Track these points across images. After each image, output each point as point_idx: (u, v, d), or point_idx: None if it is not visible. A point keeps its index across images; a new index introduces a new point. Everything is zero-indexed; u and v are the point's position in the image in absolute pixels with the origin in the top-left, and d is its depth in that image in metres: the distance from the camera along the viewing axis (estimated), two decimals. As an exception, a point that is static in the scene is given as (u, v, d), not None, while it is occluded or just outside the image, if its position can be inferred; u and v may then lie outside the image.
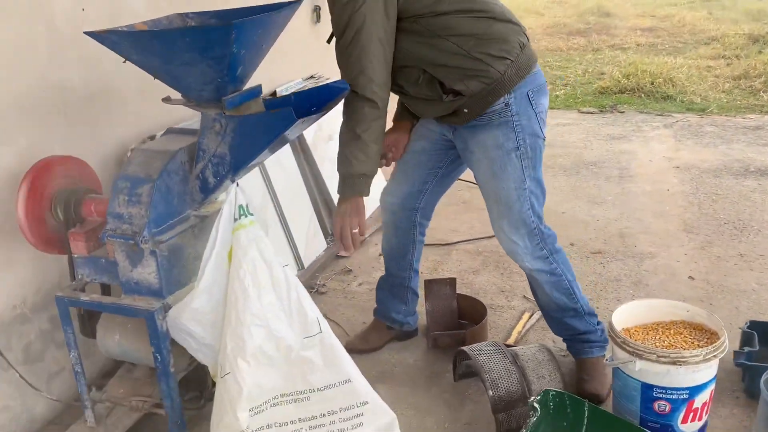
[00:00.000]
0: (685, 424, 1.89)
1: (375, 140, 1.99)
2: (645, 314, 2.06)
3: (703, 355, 1.81)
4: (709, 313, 2.00)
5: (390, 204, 2.43)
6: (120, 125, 2.46)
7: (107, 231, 1.82)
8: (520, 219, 2.12)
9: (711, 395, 1.91)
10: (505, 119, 2.04)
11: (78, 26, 2.23)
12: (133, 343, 1.98)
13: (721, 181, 4.10)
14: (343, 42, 1.91)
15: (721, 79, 7.04)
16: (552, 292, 2.21)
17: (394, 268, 2.51)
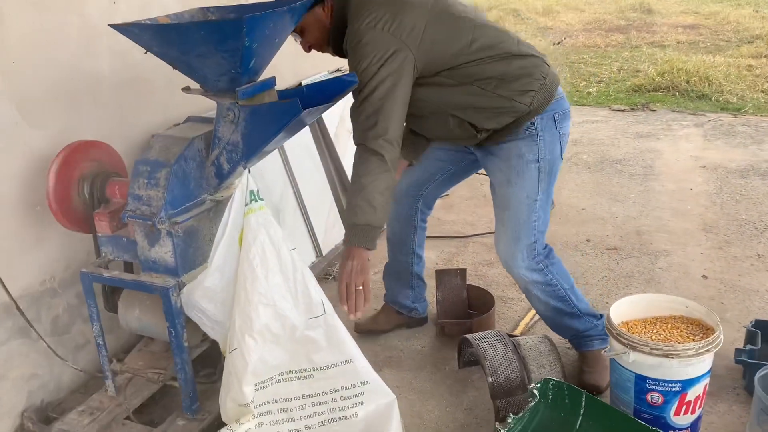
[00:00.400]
0: (678, 417, 1.92)
1: (381, 192, 1.95)
2: (644, 308, 2.10)
3: (695, 349, 1.84)
4: (708, 310, 2.02)
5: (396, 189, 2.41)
6: (147, 113, 2.59)
7: (127, 211, 1.94)
8: (523, 229, 2.17)
9: (705, 389, 1.94)
10: (530, 134, 2.11)
11: (109, 19, 2.35)
12: (151, 318, 2.10)
13: (747, 182, 4.06)
14: (359, 99, 1.97)
15: (761, 78, 6.88)
16: (548, 300, 2.27)
17: (398, 253, 2.58)
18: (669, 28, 10.58)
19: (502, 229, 2.22)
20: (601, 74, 7.56)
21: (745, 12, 11.70)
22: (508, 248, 2.21)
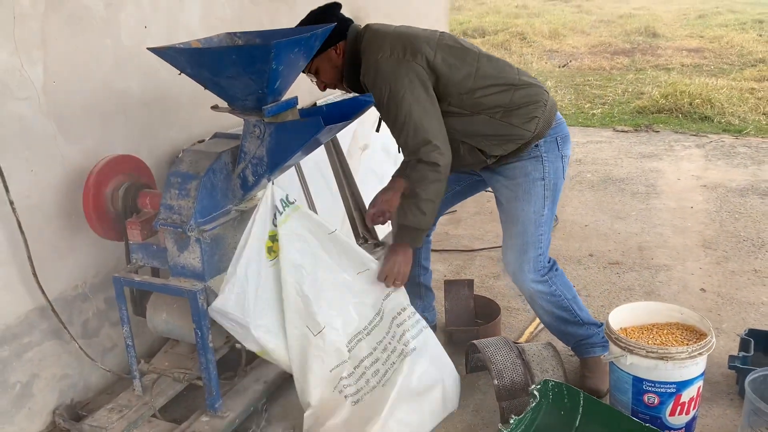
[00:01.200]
0: (673, 417, 2.04)
1: (431, 199, 2.18)
2: (642, 315, 2.22)
3: (688, 352, 1.96)
4: (701, 317, 2.15)
5: None
6: (173, 129, 2.75)
7: (159, 219, 2.08)
8: (531, 242, 2.31)
9: (698, 391, 2.06)
10: (535, 154, 2.29)
11: (140, 41, 2.53)
12: (177, 321, 2.24)
13: (746, 201, 4.18)
14: (397, 125, 2.18)
15: (763, 101, 7.03)
16: (552, 309, 2.40)
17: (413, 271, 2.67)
18: (674, 51, 10.77)
19: (510, 243, 2.35)
20: (605, 96, 7.73)
21: (749, 36, 11.89)
22: (515, 260, 2.34)
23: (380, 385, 2.19)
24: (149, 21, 2.57)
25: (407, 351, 2.22)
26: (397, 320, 2.29)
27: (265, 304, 2.13)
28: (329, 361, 2.18)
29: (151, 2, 2.57)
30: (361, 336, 2.27)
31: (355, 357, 2.24)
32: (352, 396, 2.17)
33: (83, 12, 2.31)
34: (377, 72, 2.15)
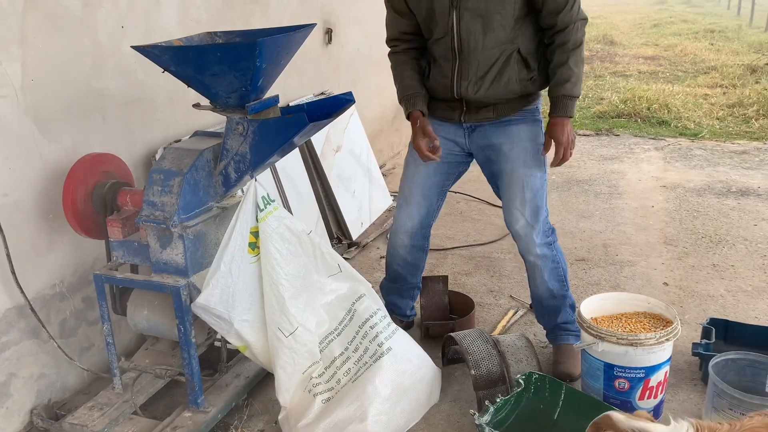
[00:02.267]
0: (642, 401, 2.14)
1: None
2: (611, 306, 2.32)
3: (656, 338, 2.06)
4: (667, 305, 2.26)
5: (410, 228, 2.60)
6: (150, 129, 2.76)
7: (142, 216, 2.10)
8: (539, 206, 2.40)
9: (665, 376, 2.16)
10: (538, 119, 2.39)
11: (118, 41, 2.55)
12: (159, 317, 2.25)
13: (704, 200, 4.37)
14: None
15: (716, 106, 7.31)
16: (550, 279, 2.47)
17: (409, 277, 2.74)
18: (631, 58, 11.10)
19: (521, 209, 2.39)
20: (567, 101, 7.91)
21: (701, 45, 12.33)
22: (528, 225, 2.39)
23: (351, 382, 2.24)
24: (126, 21, 2.58)
25: (382, 351, 2.27)
26: (370, 322, 2.34)
27: (248, 300, 2.17)
28: (301, 362, 2.23)
29: (128, 3, 2.58)
30: (332, 336, 2.32)
31: (327, 357, 2.29)
32: (322, 395, 2.22)
33: (61, 11, 2.31)
34: None
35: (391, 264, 2.74)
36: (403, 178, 2.59)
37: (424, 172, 2.52)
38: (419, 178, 2.53)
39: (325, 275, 2.32)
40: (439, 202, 2.61)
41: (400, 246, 2.65)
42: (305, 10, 3.91)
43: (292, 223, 2.22)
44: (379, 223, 4.13)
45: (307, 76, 3.97)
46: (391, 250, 2.71)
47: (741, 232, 3.82)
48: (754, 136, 6.16)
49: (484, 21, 2.20)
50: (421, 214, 2.58)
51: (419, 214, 2.58)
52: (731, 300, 3.06)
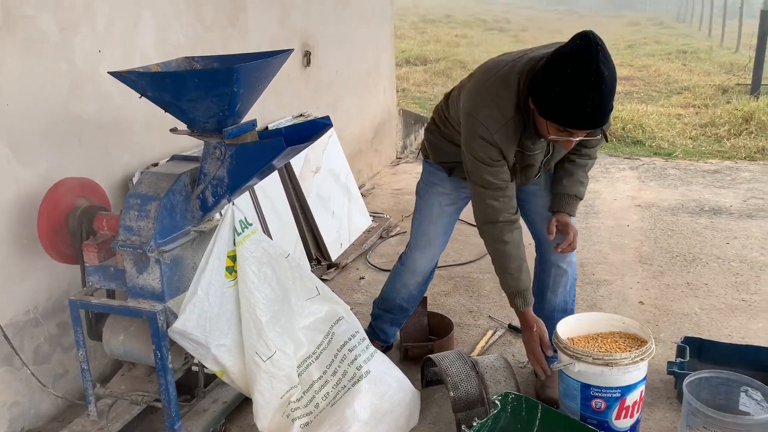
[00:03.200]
0: (619, 420, 2.16)
1: None
2: (587, 326, 2.35)
3: (631, 358, 2.09)
4: (642, 324, 2.29)
5: (429, 269, 2.66)
6: (126, 153, 2.76)
7: (118, 241, 2.09)
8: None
9: (641, 395, 2.19)
10: None
11: (95, 65, 2.55)
12: (135, 343, 2.23)
13: (678, 219, 4.44)
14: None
15: (689, 126, 7.46)
16: (571, 289, 2.54)
17: (410, 308, 2.76)
18: (605, 79, 11.28)
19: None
20: (544, 121, 8.02)
21: (674, 65, 12.60)
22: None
23: (329, 406, 2.23)
24: (104, 45, 2.59)
25: (361, 374, 2.27)
26: (348, 345, 2.34)
27: (225, 324, 2.16)
28: (279, 387, 2.22)
29: (105, 27, 2.59)
30: (310, 360, 2.32)
31: (305, 381, 2.28)
32: (300, 419, 2.21)
33: (38, 36, 2.31)
34: None
35: (393, 299, 2.73)
36: (424, 218, 2.58)
37: (449, 213, 2.57)
38: (444, 219, 2.57)
39: (303, 298, 2.32)
40: (447, 238, 2.67)
41: (412, 284, 2.67)
42: (284, 33, 3.94)
43: (270, 246, 2.23)
44: (358, 244, 4.14)
45: (285, 98, 3.99)
46: (399, 287, 2.70)
47: (714, 251, 3.89)
48: (725, 155, 6.29)
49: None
50: (439, 253, 2.66)
51: (439, 254, 2.66)
52: (705, 318, 3.11)
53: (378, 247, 4.11)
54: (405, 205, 4.83)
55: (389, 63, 5.85)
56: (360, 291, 3.52)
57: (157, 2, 2.86)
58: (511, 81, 2.10)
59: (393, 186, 5.36)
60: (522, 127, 2.13)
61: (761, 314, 3.13)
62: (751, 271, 3.61)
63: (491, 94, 2.13)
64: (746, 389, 2.18)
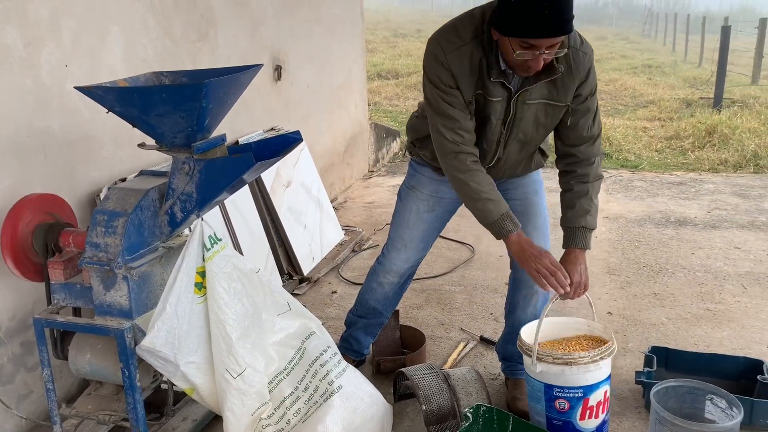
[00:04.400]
0: (583, 421, 2.18)
1: None
2: (553, 330, 2.37)
3: (590, 357, 2.11)
4: (605, 326, 2.34)
5: (405, 270, 2.63)
6: (94, 168, 2.72)
7: (85, 258, 2.06)
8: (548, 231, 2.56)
9: (606, 395, 2.21)
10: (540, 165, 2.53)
11: (61, 80, 2.52)
12: (102, 361, 2.19)
13: (644, 230, 4.52)
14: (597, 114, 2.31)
15: (655, 139, 7.63)
16: (542, 307, 2.52)
17: (386, 311, 2.74)
18: (573, 93, 11.48)
19: (536, 234, 2.46)
20: (514, 135, 8.13)
21: (640, 80, 12.88)
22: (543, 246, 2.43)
23: (301, 422, 2.22)
24: (70, 60, 2.56)
25: (333, 389, 2.26)
26: (320, 360, 2.33)
27: (195, 341, 2.14)
28: (250, 404, 2.19)
29: (72, 42, 2.56)
30: (281, 376, 2.30)
31: (276, 398, 2.26)
32: None
33: (3, 51, 2.28)
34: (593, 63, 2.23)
35: (368, 300, 2.71)
36: (402, 221, 2.56)
37: (427, 220, 2.54)
38: (422, 225, 2.55)
39: (274, 314, 2.31)
40: (430, 245, 2.65)
41: (387, 284, 2.66)
42: (254, 48, 3.94)
43: (240, 261, 2.21)
44: (330, 258, 4.13)
45: (256, 111, 3.98)
46: (375, 286, 2.68)
47: (680, 261, 3.97)
48: (690, 167, 6.44)
49: (523, 146, 2.30)
50: (417, 258, 2.63)
51: (416, 258, 2.63)
52: (672, 327, 3.17)
53: (350, 260, 4.11)
54: (377, 219, 4.84)
55: (360, 77, 5.88)
56: (332, 305, 3.51)
57: (126, 17, 2.84)
58: (476, 14, 2.14)
59: (365, 199, 5.37)
60: (483, 63, 2.10)
61: (725, 323, 3.20)
62: (715, 280, 3.69)
63: (453, 22, 2.18)
64: (711, 397, 2.22)
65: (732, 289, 3.57)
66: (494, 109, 2.17)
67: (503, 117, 2.20)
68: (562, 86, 2.16)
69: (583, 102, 2.22)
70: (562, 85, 2.16)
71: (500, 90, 2.14)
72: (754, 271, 3.79)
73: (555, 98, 2.19)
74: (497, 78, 2.11)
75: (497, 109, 2.18)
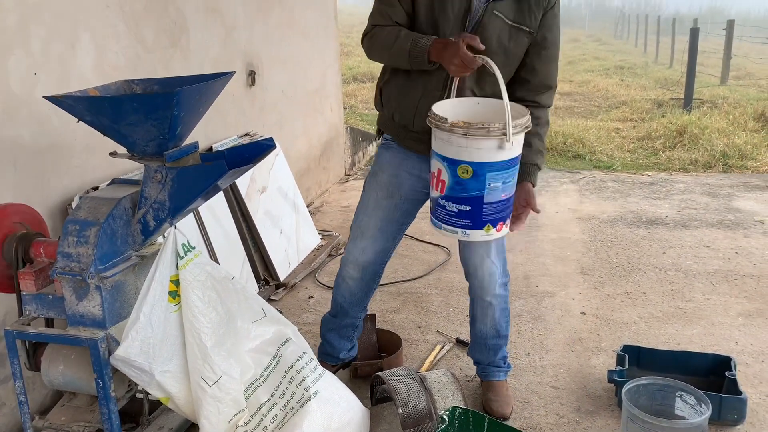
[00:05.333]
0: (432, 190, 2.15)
1: None
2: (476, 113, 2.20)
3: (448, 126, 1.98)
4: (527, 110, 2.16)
5: (362, 261, 2.55)
6: (65, 177, 2.69)
7: (57, 268, 2.04)
8: (502, 247, 2.47)
9: (439, 173, 2.08)
10: None
11: (30, 88, 2.49)
12: (76, 372, 2.17)
13: (617, 230, 4.60)
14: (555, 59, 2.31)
15: (627, 139, 7.75)
16: (500, 318, 2.53)
17: (353, 311, 2.68)
18: (547, 94, 11.60)
19: (487, 249, 2.41)
20: (489, 137, 8.19)
21: (612, 81, 13.06)
22: (492, 263, 2.43)
23: (278, 429, 2.22)
24: (40, 68, 2.53)
25: (309, 395, 2.27)
26: (296, 366, 2.33)
27: (169, 350, 2.13)
28: (226, 411, 2.19)
29: (41, 49, 2.54)
30: (258, 383, 2.30)
31: (253, 405, 2.26)
32: None
33: (-31, 59, 2.25)
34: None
35: (335, 296, 2.69)
36: (361, 208, 2.51)
37: (385, 207, 2.46)
38: (380, 212, 2.46)
39: (250, 321, 2.31)
40: (396, 240, 2.57)
41: (348, 277, 2.60)
42: (227, 53, 3.93)
43: (214, 269, 2.21)
44: (307, 263, 4.14)
45: (230, 117, 3.97)
46: (339, 281, 2.65)
47: (651, 260, 4.04)
48: (661, 167, 6.55)
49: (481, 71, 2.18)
50: (375, 250, 2.52)
51: (374, 250, 2.52)
52: (644, 326, 3.22)
53: (327, 265, 4.12)
54: (353, 223, 4.85)
55: (335, 80, 5.89)
56: (309, 310, 3.52)
57: (96, 24, 2.82)
58: None
59: (342, 203, 5.38)
60: None
61: (695, 321, 3.27)
62: (685, 279, 3.76)
63: None
64: (681, 394, 2.28)
65: (702, 287, 3.65)
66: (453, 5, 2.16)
67: (461, 15, 2.16)
68: (528, 9, 2.18)
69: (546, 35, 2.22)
70: (528, 9, 2.18)
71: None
72: (722, 269, 3.88)
73: (520, 21, 2.19)
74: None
75: (456, 7, 2.15)
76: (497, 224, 2.13)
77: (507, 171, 2.06)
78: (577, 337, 3.14)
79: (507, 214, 2.16)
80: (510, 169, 2.07)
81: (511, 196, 2.13)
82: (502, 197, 2.09)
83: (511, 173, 2.09)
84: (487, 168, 2.02)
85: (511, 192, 2.13)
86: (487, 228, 2.12)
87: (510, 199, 2.13)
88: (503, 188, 2.08)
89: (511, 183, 2.11)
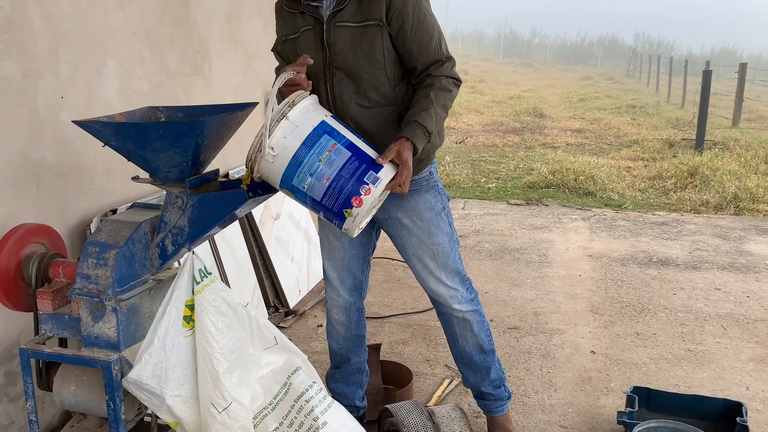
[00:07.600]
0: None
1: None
2: None
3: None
4: None
5: (341, 303, 2.58)
6: (85, 198, 2.74)
7: (75, 289, 2.07)
8: (455, 268, 2.42)
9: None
10: (432, 184, 2.36)
11: (57, 111, 2.55)
12: (87, 393, 2.18)
13: (627, 269, 4.59)
14: (429, 32, 2.16)
15: (638, 178, 7.77)
16: (480, 332, 2.50)
17: (353, 356, 2.67)
18: (559, 131, 11.70)
19: (439, 273, 2.39)
20: (499, 171, 8.26)
21: (624, 119, 13.14)
22: (448, 287, 2.41)
23: None
24: (67, 92, 2.60)
25: (317, 426, 2.27)
26: (306, 396, 2.33)
27: (181, 374, 2.14)
28: None
29: (69, 74, 2.60)
30: (267, 411, 2.30)
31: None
32: None
33: (2, 83, 2.31)
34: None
35: (331, 346, 2.69)
36: (323, 253, 2.57)
37: (339, 247, 2.49)
38: (337, 254, 2.51)
39: (261, 348, 2.32)
40: (364, 274, 2.59)
41: (336, 322, 2.64)
42: (248, 82, 4.01)
43: (229, 295, 2.23)
44: (317, 291, 4.15)
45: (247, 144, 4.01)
46: (329, 328, 2.67)
47: (662, 301, 4.03)
48: (672, 207, 6.55)
49: (355, 82, 2.17)
50: (348, 289, 2.56)
51: (346, 289, 2.56)
52: (653, 368, 3.21)
53: (336, 294, 4.12)
54: (364, 252, 4.87)
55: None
56: (318, 339, 3.52)
57: (123, 50, 2.89)
58: None
59: (352, 233, 5.40)
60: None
61: (705, 364, 3.25)
62: (696, 321, 3.75)
63: None
64: (691, 439, 2.26)
65: (712, 330, 3.63)
66: (308, 38, 2.21)
67: (319, 45, 2.19)
68: (368, 3, 2.11)
69: (403, 20, 2.11)
70: (369, 3, 2.11)
71: (309, 18, 2.20)
72: (734, 313, 3.86)
73: (365, 17, 2.11)
74: (302, 8, 2.19)
75: (310, 38, 2.20)
76: (350, 202, 1.95)
77: (301, 167, 1.96)
78: (586, 376, 3.12)
79: (353, 188, 1.95)
80: (302, 164, 1.96)
81: (338, 172, 1.95)
82: (326, 182, 1.95)
83: (309, 165, 1.95)
84: (282, 180, 2.00)
85: (332, 172, 1.95)
86: (347, 212, 1.98)
87: (340, 174, 1.95)
88: (318, 177, 1.95)
89: (322, 167, 1.95)
